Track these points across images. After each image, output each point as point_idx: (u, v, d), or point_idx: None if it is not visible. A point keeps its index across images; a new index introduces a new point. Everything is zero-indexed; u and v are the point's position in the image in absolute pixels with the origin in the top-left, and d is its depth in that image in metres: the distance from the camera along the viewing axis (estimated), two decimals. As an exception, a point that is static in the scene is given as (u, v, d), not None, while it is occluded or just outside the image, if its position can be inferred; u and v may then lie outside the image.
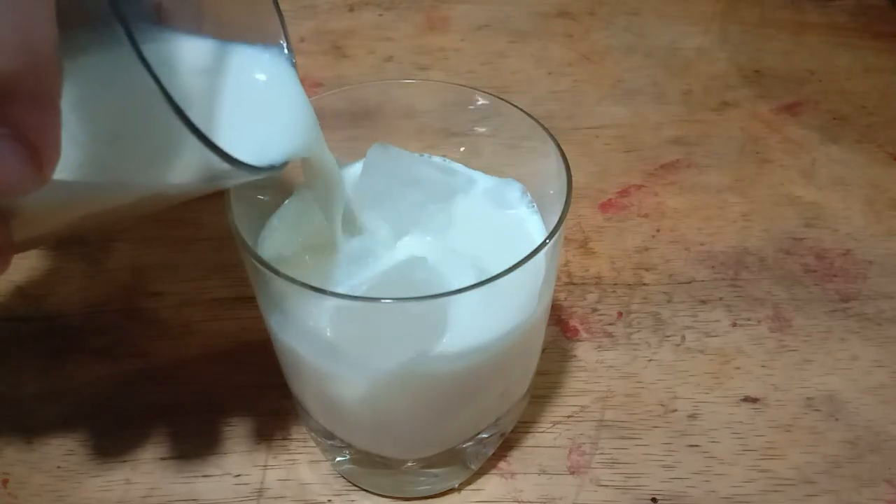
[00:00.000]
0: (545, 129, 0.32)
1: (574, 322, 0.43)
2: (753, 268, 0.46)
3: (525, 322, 0.30)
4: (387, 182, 0.34)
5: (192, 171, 0.22)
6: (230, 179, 0.25)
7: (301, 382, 0.33)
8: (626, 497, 0.36)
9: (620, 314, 0.44)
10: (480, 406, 0.33)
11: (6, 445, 0.38)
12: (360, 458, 0.35)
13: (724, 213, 0.50)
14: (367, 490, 0.36)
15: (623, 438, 0.38)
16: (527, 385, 0.36)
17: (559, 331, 0.43)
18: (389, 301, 0.26)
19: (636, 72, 0.63)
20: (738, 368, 0.41)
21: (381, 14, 0.69)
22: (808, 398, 0.40)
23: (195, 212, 0.49)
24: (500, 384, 0.32)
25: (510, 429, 0.37)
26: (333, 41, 0.66)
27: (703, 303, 0.44)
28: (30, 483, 0.36)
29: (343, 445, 0.34)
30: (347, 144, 0.32)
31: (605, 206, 0.51)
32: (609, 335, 0.43)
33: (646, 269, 0.46)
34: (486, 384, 0.31)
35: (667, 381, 0.40)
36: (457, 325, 0.28)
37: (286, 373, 0.34)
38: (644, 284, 0.45)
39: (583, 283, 0.45)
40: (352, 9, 0.70)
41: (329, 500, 0.36)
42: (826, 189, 0.52)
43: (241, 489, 0.36)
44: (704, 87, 0.61)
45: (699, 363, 0.41)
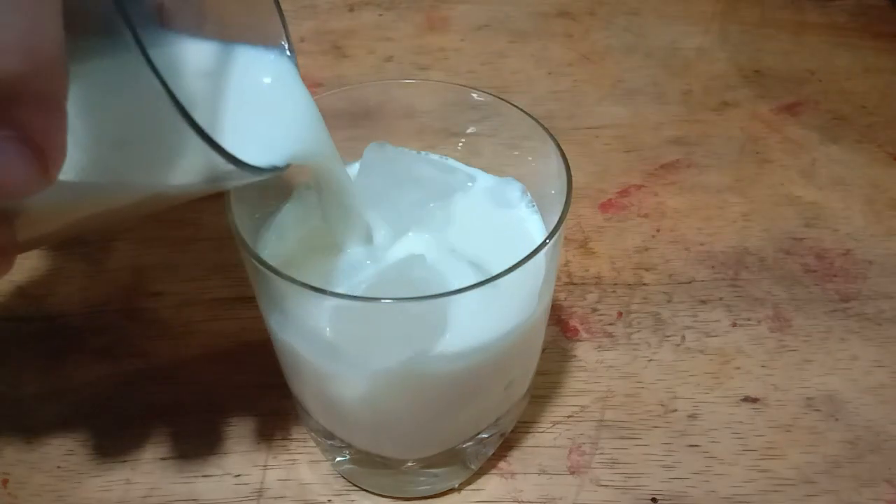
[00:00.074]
0: (545, 129, 0.32)
1: (574, 322, 0.43)
2: (753, 268, 0.46)
3: (525, 322, 0.30)
4: (385, 181, 0.34)
5: (197, 172, 0.22)
6: (234, 180, 0.25)
7: (301, 382, 0.33)
8: (626, 497, 0.36)
9: (620, 314, 0.44)
10: (480, 406, 0.33)
11: (6, 445, 0.38)
12: (360, 458, 0.35)
13: (724, 213, 0.50)
14: (367, 490, 0.36)
15: (623, 438, 0.38)
16: (527, 385, 0.36)
17: (559, 331, 0.43)
18: (389, 301, 0.26)
19: (636, 72, 0.63)
20: (738, 368, 0.41)
21: (381, 14, 0.69)
22: (808, 398, 0.40)
23: (195, 212, 0.49)
24: (500, 384, 0.32)
25: (510, 429, 0.37)
26: (333, 41, 0.66)
27: (703, 303, 0.44)
28: (30, 483, 0.36)
29: (343, 445, 0.34)
30: (347, 144, 0.31)
31: (605, 206, 0.51)
32: (609, 335, 0.43)
33: (646, 269, 0.46)
34: (486, 384, 0.31)
35: (667, 381, 0.40)
36: (457, 325, 0.27)
37: (286, 373, 0.34)
38: (644, 284, 0.45)
39: (583, 283, 0.45)
40: (352, 9, 0.70)
41: (329, 500, 0.36)
42: (826, 189, 0.52)
43: (241, 489, 0.36)
44: (704, 87, 0.61)
45: (699, 363, 0.41)
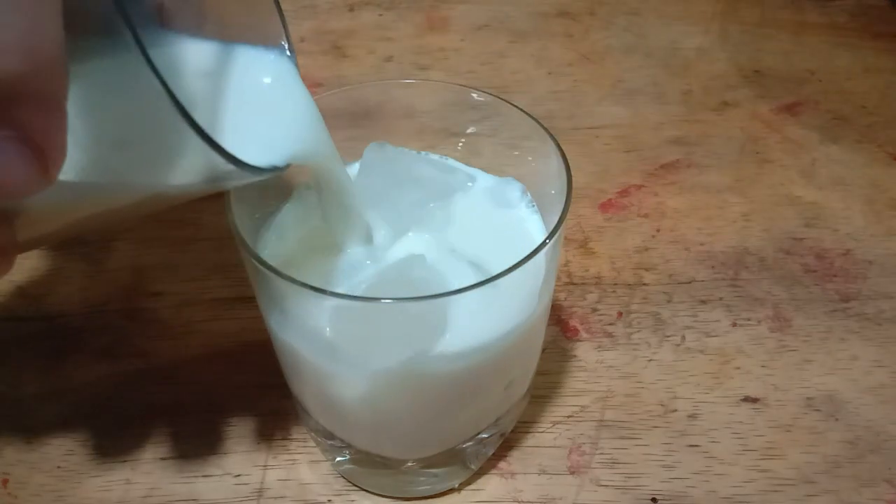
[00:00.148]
0: (545, 129, 0.32)
1: (574, 322, 0.43)
2: (753, 268, 0.46)
3: (525, 322, 0.30)
4: (385, 181, 0.34)
5: (197, 172, 0.22)
6: (234, 180, 0.25)
7: (301, 382, 0.33)
8: (626, 497, 0.36)
9: (620, 314, 0.44)
10: (480, 406, 0.33)
11: (6, 445, 0.38)
12: (360, 458, 0.35)
13: (724, 213, 0.50)
14: (367, 490, 0.36)
15: (623, 438, 0.38)
16: (527, 385, 0.36)
17: (559, 331, 0.43)
18: (389, 301, 0.26)
19: (636, 72, 0.63)
20: (738, 368, 0.41)
21: (381, 14, 0.69)
22: (808, 398, 0.40)
23: (195, 212, 0.49)
24: (500, 384, 0.32)
25: (510, 429, 0.37)
26: (333, 41, 0.66)
27: (703, 303, 0.44)
28: (30, 483, 0.36)
29: (343, 445, 0.34)
30: (347, 144, 0.32)
31: (605, 206, 0.50)
32: (609, 335, 0.43)
33: (646, 269, 0.46)
34: (486, 384, 0.31)
35: (667, 381, 0.40)
36: (457, 325, 0.27)
37: (286, 373, 0.34)
38: (644, 284, 0.45)
39: (583, 283, 0.45)
40: (352, 9, 0.70)
41: (329, 500, 0.36)
42: (826, 189, 0.52)
43: (241, 489, 0.36)
44: (704, 87, 0.61)
45: (699, 363, 0.41)
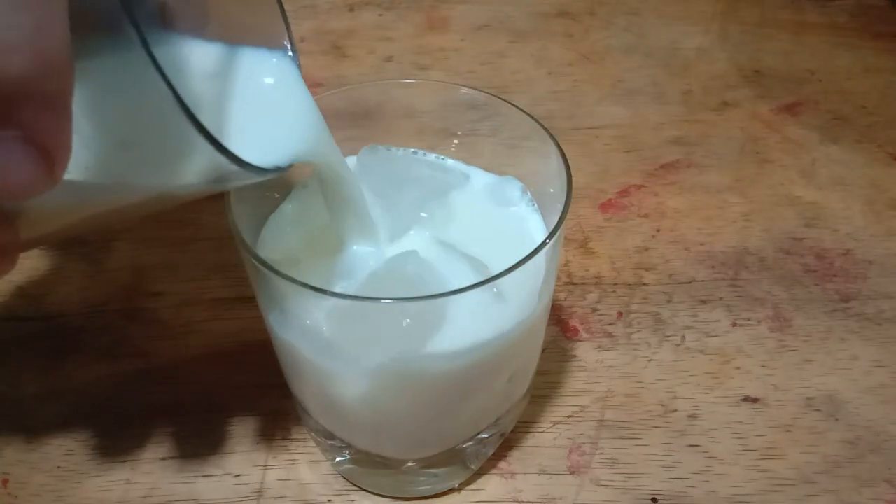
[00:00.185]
0: (545, 129, 0.32)
1: (574, 322, 0.43)
2: (753, 268, 0.46)
3: (525, 321, 0.30)
4: (383, 182, 0.34)
5: (200, 173, 0.22)
6: (236, 181, 0.25)
7: (301, 382, 0.33)
8: (626, 497, 0.36)
9: (620, 314, 0.44)
10: (480, 406, 0.33)
11: (6, 445, 0.38)
12: (360, 458, 0.35)
13: (724, 213, 0.50)
14: (367, 490, 0.36)
15: (623, 438, 0.38)
16: (527, 385, 0.36)
17: (559, 331, 0.43)
18: (389, 301, 0.26)
19: (636, 72, 0.63)
20: (738, 368, 0.41)
21: (381, 14, 0.69)
22: (808, 398, 0.40)
23: (195, 212, 0.49)
24: (500, 384, 0.32)
25: (510, 429, 0.37)
26: (333, 41, 0.66)
27: (703, 303, 0.44)
28: (30, 483, 0.36)
29: (343, 445, 0.34)
30: (347, 144, 0.32)
31: (605, 206, 0.50)
32: (609, 335, 0.43)
33: (646, 269, 0.46)
34: (486, 384, 0.31)
35: (667, 381, 0.40)
36: (456, 324, 0.28)
37: (286, 372, 0.34)
38: (644, 284, 0.45)
39: (583, 283, 0.45)
40: (352, 9, 0.70)
41: (329, 500, 0.36)
42: (826, 189, 0.52)
43: (241, 489, 0.36)
44: (704, 87, 0.61)
45: (699, 363, 0.41)
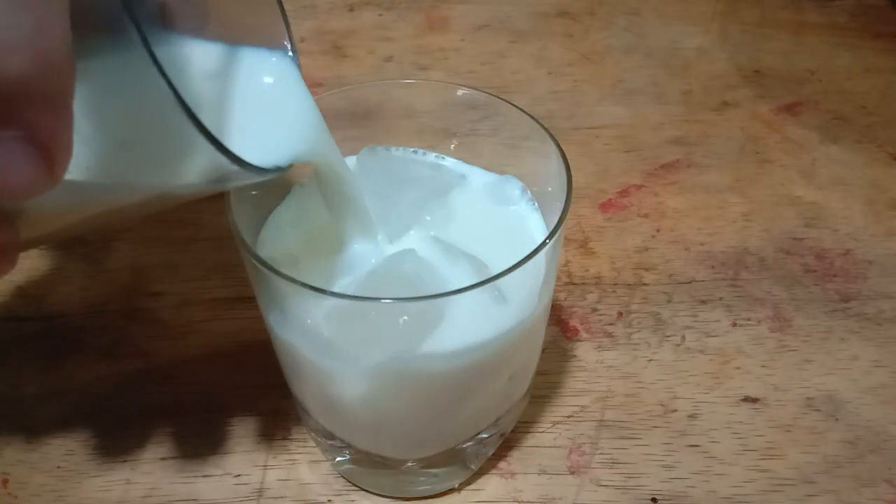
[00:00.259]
0: (545, 129, 0.32)
1: (574, 322, 0.43)
2: (753, 268, 0.46)
3: (525, 321, 0.30)
4: (382, 182, 0.34)
5: (200, 173, 0.22)
6: (237, 180, 0.25)
7: (301, 382, 0.33)
8: (626, 497, 0.36)
9: (620, 314, 0.44)
10: (480, 406, 0.33)
11: (6, 445, 0.38)
12: (360, 458, 0.35)
13: (724, 213, 0.50)
14: (367, 490, 0.36)
15: (623, 438, 0.38)
16: (527, 385, 0.36)
17: (559, 331, 0.43)
18: (389, 301, 0.26)
19: (636, 72, 0.63)
20: (738, 368, 0.41)
21: (381, 14, 0.69)
22: (808, 398, 0.40)
23: (195, 212, 0.49)
24: (500, 384, 0.32)
25: (510, 429, 0.37)
26: (333, 41, 0.66)
27: (703, 303, 0.44)
28: (30, 483, 0.36)
29: (343, 445, 0.34)
30: (347, 144, 0.32)
31: (605, 206, 0.50)
32: (609, 335, 0.43)
33: (646, 269, 0.46)
34: (486, 383, 0.31)
35: (667, 381, 0.40)
36: (456, 324, 0.28)
37: (286, 372, 0.34)
38: (644, 284, 0.45)
39: (583, 283, 0.45)
40: (352, 9, 0.70)
41: (329, 500, 0.36)
42: (826, 189, 0.52)
43: (241, 489, 0.36)
44: (704, 87, 0.61)
45: (699, 363, 0.41)
